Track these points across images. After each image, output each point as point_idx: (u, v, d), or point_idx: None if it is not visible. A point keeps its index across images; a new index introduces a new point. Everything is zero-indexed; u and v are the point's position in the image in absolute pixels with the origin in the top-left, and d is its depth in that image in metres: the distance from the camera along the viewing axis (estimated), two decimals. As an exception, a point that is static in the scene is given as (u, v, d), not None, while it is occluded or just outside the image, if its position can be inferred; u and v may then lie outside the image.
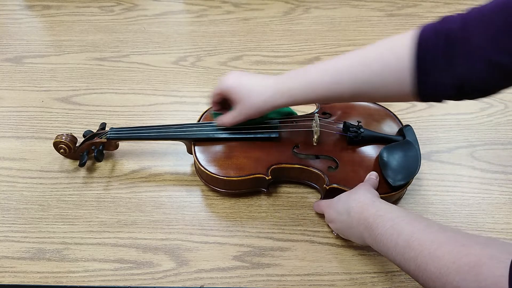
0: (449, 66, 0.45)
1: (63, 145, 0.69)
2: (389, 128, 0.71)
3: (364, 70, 0.51)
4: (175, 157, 0.74)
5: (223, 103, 0.65)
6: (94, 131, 0.72)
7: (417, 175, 0.64)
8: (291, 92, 0.57)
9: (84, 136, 0.71)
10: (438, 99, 0.50)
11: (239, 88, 0.60)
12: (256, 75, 0.61)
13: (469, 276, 0.38)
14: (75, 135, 0.71)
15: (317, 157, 0.66)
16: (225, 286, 0.59)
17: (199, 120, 0.71)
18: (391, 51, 0.49)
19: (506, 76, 0.43)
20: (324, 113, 0.73)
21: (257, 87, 0.59)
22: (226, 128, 0.67)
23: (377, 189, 0.61)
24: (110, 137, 0.69)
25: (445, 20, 0.46)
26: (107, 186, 0.70)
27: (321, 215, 0.65)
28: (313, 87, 0.55)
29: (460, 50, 0.44)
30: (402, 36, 0.49)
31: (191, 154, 0.68)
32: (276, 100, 0.58)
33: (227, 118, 0.63)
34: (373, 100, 0.53)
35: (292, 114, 0.71)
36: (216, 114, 0.66)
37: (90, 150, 0.70)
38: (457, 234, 0.44)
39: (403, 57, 0.48)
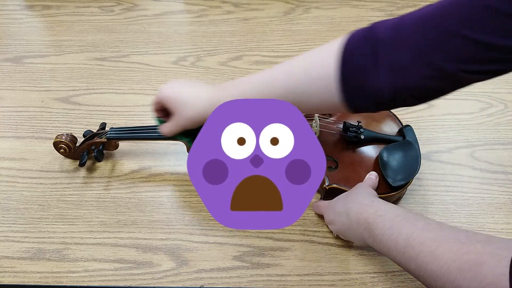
0: (373, 75, 0.44)
1: (63, 145, 0.69)
2: (389, 128, 0.71)
3: (291, 80, 0.50)
4: (175, 157, 0.74)
5: (166, 110, 0.63)
6: (94, 131, 0.72)
7: (417, 175, 0.64)
8: None
9: (84, 136, 0.71)
10: (364, 110, 0.48)
11: (174, 99, 0.59)
12: (195, 84, 0.60)
13: (469, 274, 0.38)
14: (75, 135, 0.71)
15: (317, 157, 0.66)
16: (225, 286, 0.59)
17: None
18: (316, 61, 0.48)
19: (439, 88, 0.44)
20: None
21: (192, 99, 0.58)
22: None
23: (377, 189, 0.61)
24: (110, 137, 0.69)
25: (375, 27, 0.45)
26: (107, 186, 0.70)
27: (321, 215, 0.64)
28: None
29: (387, 59, 0.43)
30: (331, 43, 0.48)
31: (191, 154, 0.68)
32: (209, 113, 0.57)
33: (166, 127, 0.62)
34: (307, 111, 0.52)
35: None
36: (160, 121, 0.65)
37: (90, 150, 0.70)
38: (458, 232, 0.43)
39: (328, 66, 0.46)
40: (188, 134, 0.64)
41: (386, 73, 0.43)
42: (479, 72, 0.41)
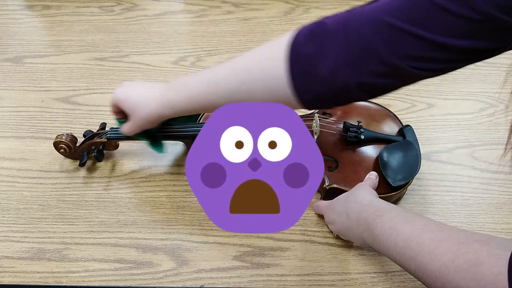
0: (324, 71, 0.43)
1: (63, 145, 0.69)
2: (389, 128, 0.71)
3: (234, 80, 0.50)
4: (175, 157, 0.74)
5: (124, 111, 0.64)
6: (94, 131, 0.72)
7: (417, 175, 0.64)
8: (172, 103, 0.56)
9: (84, 136, 0.71)
10: (318, 107, 0.49)
11: (126, 101, 0.60)
12: (146, 84, 0.60)
13: (468, 275, 0.38)
14: (75, 135, 0.71)
15: (317, 157, 0.66)
16: (225, 286, 0.59)
17: (198, 120, 0.71)
18: (261, 60, 0.48)
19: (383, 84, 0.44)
20: (324, 113, 0.73)
21: (143, 100, 0.58)
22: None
23: (377, 189, 0.61)
24: (110, 137, 0.69)
25: (323, 22, 0.44)
26: (107, 186, 0.70)
27: (321, 215, 0.64)
28: (191, 98, 0.54)
29: (336, 53, 0.42)
30: (277, 41, 0.47)
31: (191, 154, 0.68)
32: (161, 112, 0.57)
33: (125, 128, 0.63)
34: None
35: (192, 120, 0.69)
36: (120, 122, 0.65)
37: (90, 150, 0.70)
38: (456, 232, 0.44)
39: (274, 65, 0.46)
40: (148, 136, 0.66)
41: (337, 68, 0.43)
42: (431, 70, 0.41)
